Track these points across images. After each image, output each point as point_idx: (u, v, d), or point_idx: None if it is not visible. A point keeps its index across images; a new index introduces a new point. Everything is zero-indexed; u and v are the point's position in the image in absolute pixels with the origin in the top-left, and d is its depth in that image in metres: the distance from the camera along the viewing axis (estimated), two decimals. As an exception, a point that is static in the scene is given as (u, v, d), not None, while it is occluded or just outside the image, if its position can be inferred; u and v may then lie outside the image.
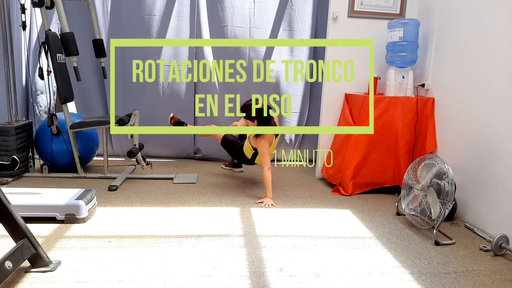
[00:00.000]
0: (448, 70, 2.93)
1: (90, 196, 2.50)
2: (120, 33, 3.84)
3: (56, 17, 3.78)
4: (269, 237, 2.28)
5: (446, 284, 1.84)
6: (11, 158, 3.15)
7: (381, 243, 2.27)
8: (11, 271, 1.62)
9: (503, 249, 2.16)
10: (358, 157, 3.08)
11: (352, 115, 3.27)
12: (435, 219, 2.32)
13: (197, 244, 2.15)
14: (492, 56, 2.47)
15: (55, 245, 2.09)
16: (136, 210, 2.64)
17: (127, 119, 3.28)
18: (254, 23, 3.88)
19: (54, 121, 3.28)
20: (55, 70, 3.14)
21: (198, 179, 3.45)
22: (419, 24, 3.11)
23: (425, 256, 2.12)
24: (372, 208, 2.87)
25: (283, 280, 1.81)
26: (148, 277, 1.80)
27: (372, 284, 1.82)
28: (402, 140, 3.10)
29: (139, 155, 3.29)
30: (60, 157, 3.36)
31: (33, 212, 2.35)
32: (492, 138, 2.45)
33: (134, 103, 3.99)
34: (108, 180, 3.31)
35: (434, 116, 3.07)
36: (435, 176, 2.34)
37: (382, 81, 3.40)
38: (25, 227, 1.76)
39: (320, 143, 3.57)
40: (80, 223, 2.39)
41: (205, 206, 2.77)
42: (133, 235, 2.25)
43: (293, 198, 3.02)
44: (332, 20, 3.34)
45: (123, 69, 3.92)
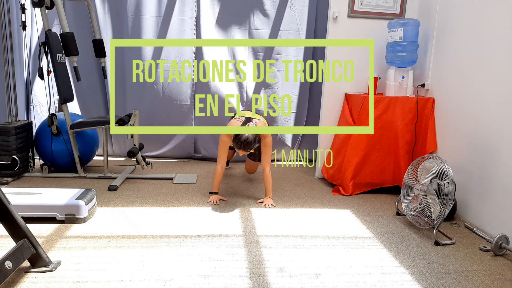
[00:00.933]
0: (448, 70, 2.93)
1: (90, 196, 2.50)
2: (120, 33, 3.84)
3: (56, 17, 3.78)
4: (269, 237, 2.28)
5: (446, 284, 1.84)
6: (11, 158, 3.15)
7: (381, 243, 2.27)
8: (11, 271, 1.62)
9: (503, 249, 2.16)
10: (358, 157, 3.08)
11: (352, 115, 3.27)
12: (435, 219, 2.32)
13: (197, 244, 2.15)
14: (492, 56, 2.47)
15: (55, 245, 2.09)
16: (136, 210, 2.64)
17: (127, 119, 3.28)
18: (254, 23, 3.88)
19: (54, 121, 3.28)
20: (55, 70, 3.14)
21: (198, 179, 3.45)
22: (419, 24, 3.11)
23: (425, 256, 2.12)
24: (372, 208, 2.87)
25: (283, 280, 1.81)
26: (148, 277, 1.80)
27: (372, 284, 1.82)
28: (402, 140, 3.10)
29: (139, 155, 3.29)
30: (60, 157, 3.36)
31: (33, 212, 2.35)
32: (492, 138, 2.45)
33: (134, 103, 3.99)
34: (108, 180, 3.31)
35: (434, 116, 3.07)
36: (435, 176, 2.34)
37: (382, 81, 3.40)
38: (25, 227, 1.76)
39: (320, 143, 3.57)
40: (80, 223, 2.38)
41: (205, 206, 2.77)
42: (133, 235, 2.25)
43: (293, 198, 3.02)
44: (332, 20, 3.34)
45: (123, 69, 3.92)
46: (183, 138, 4.09)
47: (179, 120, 4.04)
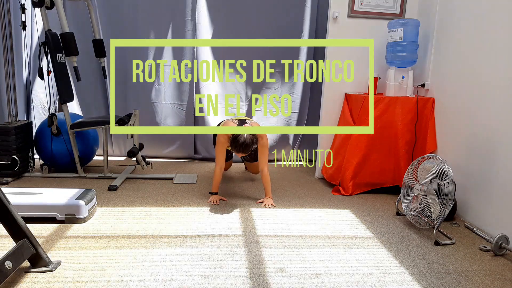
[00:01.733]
0: (448, 70, 2.93)
1: (90, 196, 2.50)
2: (120, 33, 3.84)
3: (56, 17, 3.78)
4: (269, 237, 2.28)
5: (446, 284, 1.84)
6: (11, 158, 3.15)
7: (381, 243, 2.27)
8: (11, 271, 1.62)
9: (503, 249, 2.16)
10: (358, 157, 3.08)
11: (352, 115, 3.27)
12: (435, 219, 2.32)
13: (197, 244, 2.15)
14: (492, 56, 2.47)
15: (55, 245, 2.09)
16: (136, 210, 2.64)
17: (127, 119, 3.28)
18: (254, 24, 3.88)
19: (54, 121, 3.28)
20: (55, 70, 3.14)
21: (198, 179, 3.45)
22: (419, 24, 3.11)
23: (425, 256, 2.12)
24: (372, 208, 2.87)
25: (283, 280, 1.81)
26: (148, 277, 1.80)
27: (372, 284, 1.82)
28: (402, 140, 3.10)
29: (139, 155, 3.29)
30: (60, 157, 3.36)
31: (33, 212, 2.35)
32: (492, 138, 2.45)
33: (134, 103, 3.99)
34: (108, 180, 3.31)
35: (434, 116, 3.07)
36: (435, 176, 2.34)
37: (382, 81, 3.40)
38: (25, 227, 1.76)
39: (320, 143, 3.56)
40: (80, 223, 2.38)
41: (205, 206, 2.77)
42: (133, 235, 2.25)
43: (293, 198, 3.02)
44: (332, 20, 3.34)
45: (123, 69, 3.92)
46: (183, 138, 4.09)
47: (179, 120, 4.04)
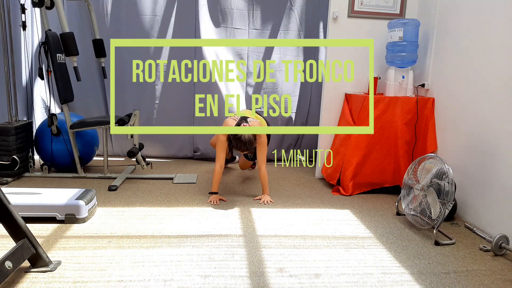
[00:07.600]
0: (448, 70, 2.93)
1: (90, 196, 2.50)
2: (120, 33, 3.84)
3: (56, 17, 3.78)
4: (269, 237, 2.28)
5: (446, 284, 1.84)
6: (11, 158, 3.15)
7: (381, 243, 2.27)
8: (11, 271, 1.62)
9: (503, 249, 2.16)
10: (358, 157, 3.08)
11: (352, 115, 3.27)
12: (435, 219, 2.32)
13: (197, 244, 2.15)
14: (492, 56, 2.47)
15: (55, 245, 2.09)
16: (136, 210, 2.64)
17: (127, 119, 3.28)
18: (254, 23, 3.88)
19: (54, 121, 3.28)
20: (55, 70, 3.14)
21: (198, 179, 3.45)
22: (419, 24, 3.11)
23: (425, 256, 2.12)
24: (372, 208, 2.87)
25: (283, 280, 1.81)
26: (148, 277, 1.80)
27: (372, 284, 1.82)
28: (402, 140, 3.10)
29: (139, 155, 3.29)
30: (60, 157, 3.36)
31: (33, 212, 2.35)
32: (492, 138, 2.45)
33: (134, 103, 3.99)
34: (108, 180, 3.31)
35: (434, 116, 3.07)
36: (435, 176, 2.34)
37: (382, 81, 3.40)
38: (25, 227, 1.76)
39: (320, 143, 3.56)
40: (80, 223, 2.38)
41: (205, 206, 2.77)
42: (133, 235, 2.25)
43: (293, 198, 3.02)
44: (332, 20, 3.34)
45: (123, 69, 3.92)
46: (183, 138, 4.09)
47: (179, 120, 4.04)
